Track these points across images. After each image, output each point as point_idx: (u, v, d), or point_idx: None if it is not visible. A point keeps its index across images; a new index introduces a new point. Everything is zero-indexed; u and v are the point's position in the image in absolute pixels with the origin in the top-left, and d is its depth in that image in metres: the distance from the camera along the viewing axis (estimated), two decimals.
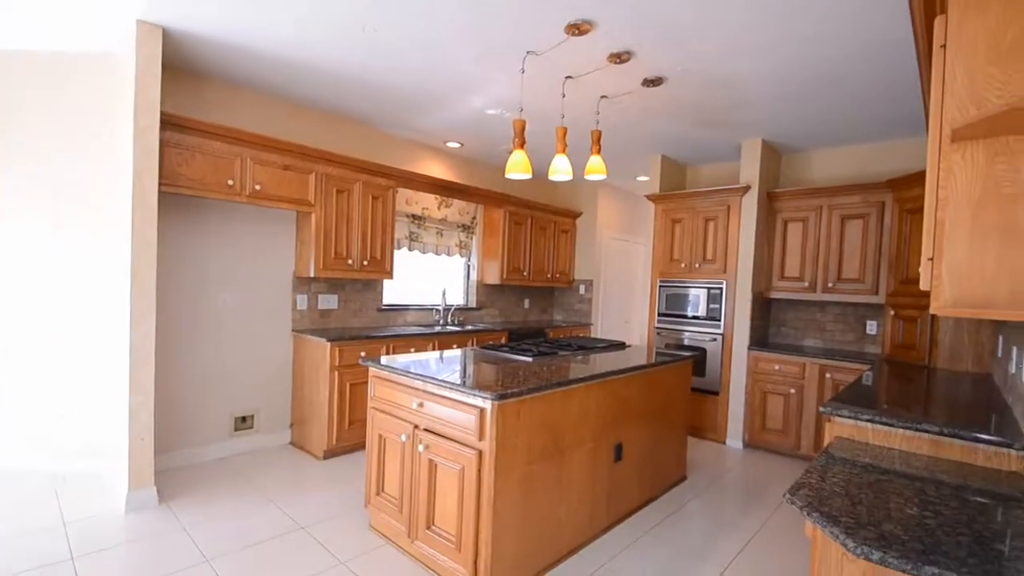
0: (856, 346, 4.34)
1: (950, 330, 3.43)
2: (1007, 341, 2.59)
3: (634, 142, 4.60)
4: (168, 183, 3.10)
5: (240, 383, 3.86)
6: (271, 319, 4.01)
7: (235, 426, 3.84)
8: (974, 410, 2.13)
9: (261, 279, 3.95)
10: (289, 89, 3.71)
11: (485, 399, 2.06)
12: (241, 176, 3.45)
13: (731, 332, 4.44)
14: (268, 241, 3.98)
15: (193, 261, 3.59)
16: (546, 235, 5.89)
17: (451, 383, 2.21)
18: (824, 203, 4.24)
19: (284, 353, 4.10)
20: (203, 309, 3.65)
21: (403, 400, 2.49)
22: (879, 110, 3.55)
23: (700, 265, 4.62)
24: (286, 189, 3.70)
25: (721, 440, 4.48)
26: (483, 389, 2.08)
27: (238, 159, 3.42)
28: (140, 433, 2.83)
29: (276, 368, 4.06)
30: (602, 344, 3.65)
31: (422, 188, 4.69)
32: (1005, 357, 2.55)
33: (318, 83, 3.55)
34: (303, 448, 3.96)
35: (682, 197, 4.73)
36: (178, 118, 3.10)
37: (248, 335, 3.89)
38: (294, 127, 4.06)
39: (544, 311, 6.49)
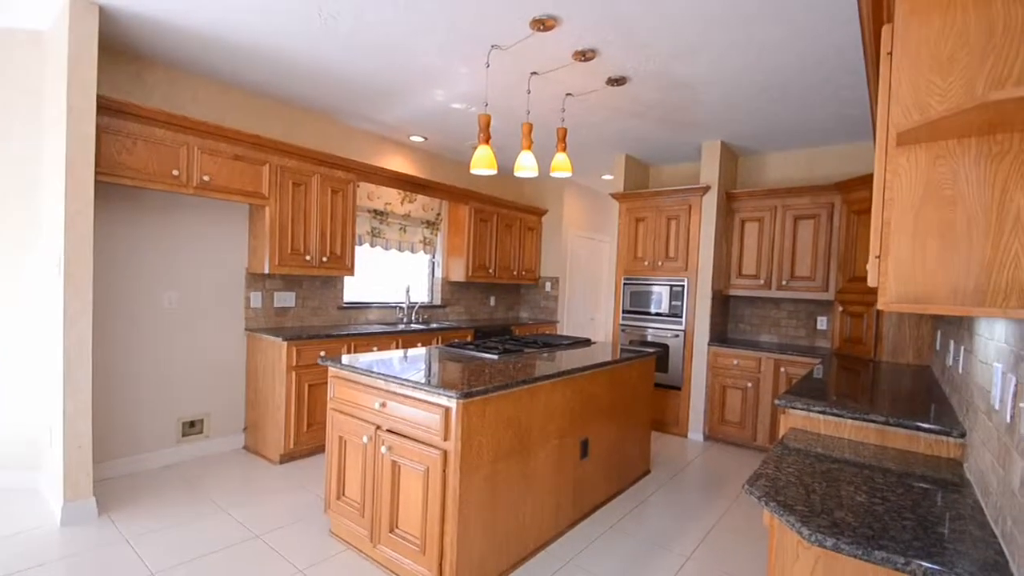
0: (808, 341, 4.55)
1: (893, 325, 3.64)
2: (944, 336, 2.76)
3: (599, 140, 4.66)
4: (106, 172, 2.94)
5: (188, 386, 3.71)
6: (222, 318, 3.86)
7: (183, 431, 3.69)
8: (916, 401, 2.27)
9: (211, 276, 3.80)
10: (241, 76, 3.58)
11: (450, 398, 2.05)
12: (188, 166, 3.30)
13: (692, 328, 4.57)
14: (219, 236, 3.83)
15: (136, 257, 3.42)
16: (512, 232, 5.90)
17: (415, 382, 2.19)
18: (778, 204, 4.42)
19: (237, 353, 3.96)
20: (147, 308, 3.49)
21: (364, 400, 2.44)
22: (825, 115, 3.72)
23: (663, 263, 4.74)
24: (238, 181, 3.56)
25: (683, 434, 4.61)
26: (448, 388, 2.07)
27: (184, 148, 3.28)
28: (77, 441, 2.68)
29: (228, 369, 3.92)
30: (567, 341, 3.69)
31: (385, 183, 4.62)
32: (943, 350, 2.73)
33: (272, 70, 3.44)
34: (258, 453, 3.84)
35: (646, 196, 4.83)
36: (117, 103, 2.94)
37: (197, 335, 3.73)
38: (247, 117, 3.92)
39: (510, 308, 6.51)
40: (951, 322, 2.55)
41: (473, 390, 2.06)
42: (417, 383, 2.17)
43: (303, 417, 3.72)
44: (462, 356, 2.94)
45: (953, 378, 2.21)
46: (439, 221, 5.47)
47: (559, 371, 2.59)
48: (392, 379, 2.28)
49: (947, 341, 2.59)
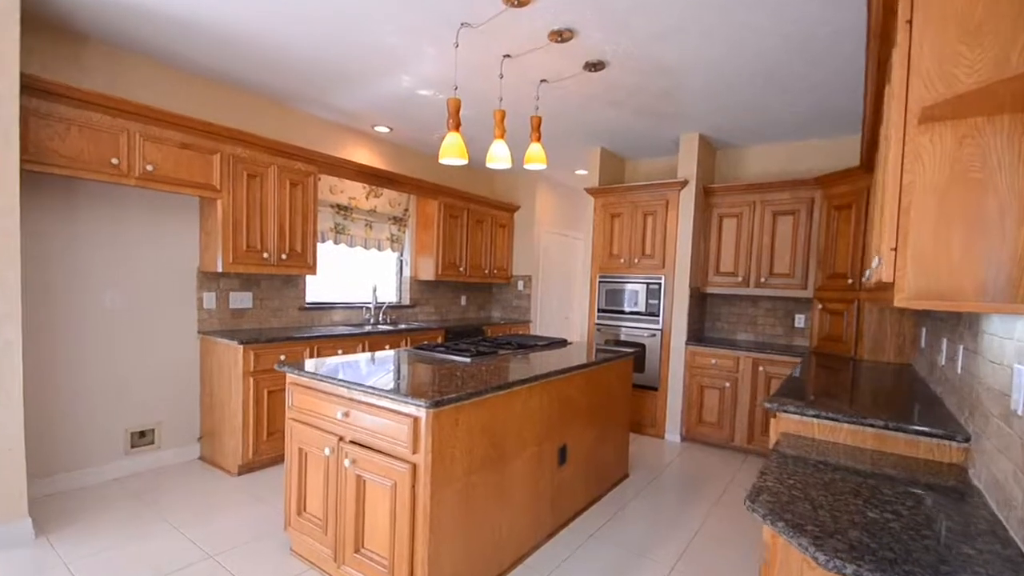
0: (785, 339, 4.54)
1: (874, 323, 3.64)
2: (932, 333, 2.73)
3: (574, 132, 4.55)
4: (33, 160, 2.66)
5: (136, 393, 3.43)
6: (172, 320, 3.59)
7: (132, 442, 3.41)
8: (908, 402, 2.22)
9: (159, 275, 3.53)
10: (189, 57, 3.32)
11: (419, 407, 1.88)
12: (129, 155, 3.03)
13: (669, 327, 4.51)
14: (168, 231, 3.56)
15: (74, 254, 3.13)
16: (483, 229, 5.74)
17: (380, 389, 2.01)
18: (757, 199, 4.39)
19: (189, 358, 3.69)
20: (87, 310, 3.20)
21: (326, 409, 2.26)
22: (808, 105, 3.69)
23: (639, 260, 4.66)
24: (186, 171, 3.31)
25: (660, 435, 4.55)
26: (416, 395, 1.91)
27: (124, 135, 3.01)
28: (8, 457, 2.41)
29: (180, 375, 3.65)
30: (543, 342, 3.57)
31: (348, 175, 4.40)
32: (931, 349, 2.70)
33: (222, 51, 3.20)
34: (215, 464, 3.59)
35: (621, 191, 4.74)
36: (46, 83, 2.66)
37: (144, 338, 3.46)
38: (197, 102, 3.65)
39: (482, 308, 6.35)
40: (942, 319, 2.52)
41: (444, 398, 1.90)
42: (383, 391, 2.00)
43: (262, 425, 3.49)
44: (432, 359, 2.77)
45: (948, 378, 2.16)
46: (407, 217, 5.27)
47: (536, 375, 2.45)
48: (355, 386, 2.10)
49: (937, 339, 2.56)
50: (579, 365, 2.83)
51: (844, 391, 2.43)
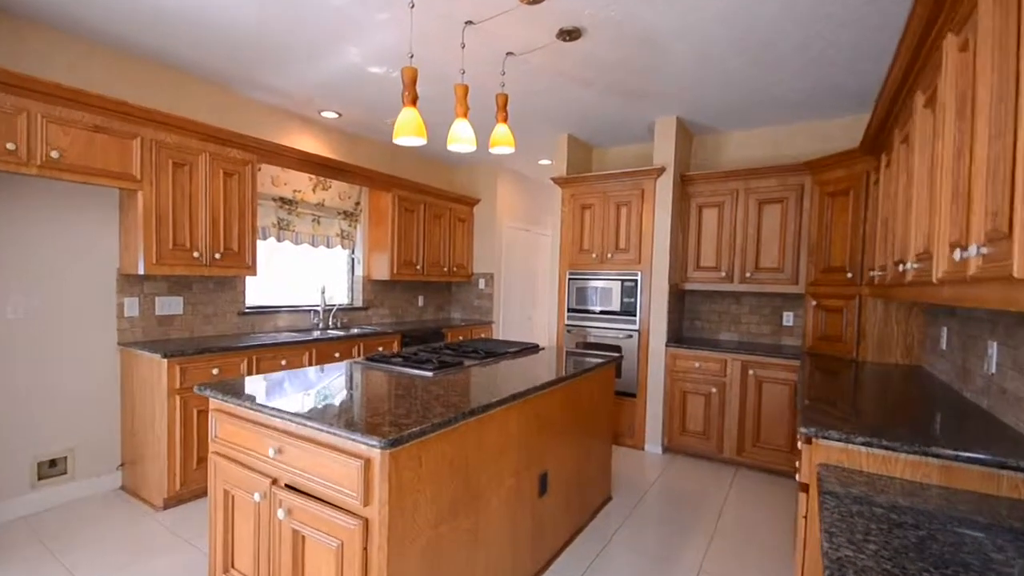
0: (773, 339, 4.39)
1: (879, 321, 3.44)
2: (960, 334, 2.47)
3: (540, 117, 4.27)
4: None
5: (46, 416, 3.04)
6: (88, 330, 3.18)
7: (40, 473, 3.03)
8: (954, 420, 1.93)
9: (71, 279, 3.12)
10: (104, 30, 2.92)
11: (371, 445, 1.57)
12: (29, 139, 2.64)
13: (647, 328, 4.30)
14: (80, 229, 3.16)
15: None
16: (441, 224, 5.41)
17: (321, 422, 1.68)
18: (740, 187, 4.21)
19: (108, 373, 3.28)
20: None
21: (256, 444, 1.91)
22: (804, 81, 3.48)
23: (612, 255, 4.42)
24: (100, 159, 2.90)
25: (639, 446, 4.34)
26: (369, 430, 1.60)
27: (23, 116, 2.62)
28: None
29: (97, 393, 3.24)
30: (513, 348, 3.28)
31: (292, 165, 4.00)
32: (962, 352, 2.44)
33: (140, 21, 2.80)
34: (138, 495, 3.19)
35: (592, 180, 4.50)
36: None
37: (54, 352, 3.06)
38: (115, 81, 3.25)
39: (441, 309, 6.02)
40: (980, 318, 2.26)
41: (404, 433, 1.59)
42: (325, 424, 1.67)
43: (191, 451, 3.11)
44: (388, 374, 2.46)
45: (1007, 390, 1.90)
46: (358, 211, 4.90)
47: (514, 393, 2.17)
48: (290, 417, 1.76)
49: (972, 342, 2.32)
50: (561, 377, 2.56)
51: (873, 405, 2.23)
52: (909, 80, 2.13)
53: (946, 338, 2.74)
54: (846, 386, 2.62)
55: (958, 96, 1.46)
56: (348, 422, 1.67)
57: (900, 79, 2.20)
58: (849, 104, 3.84)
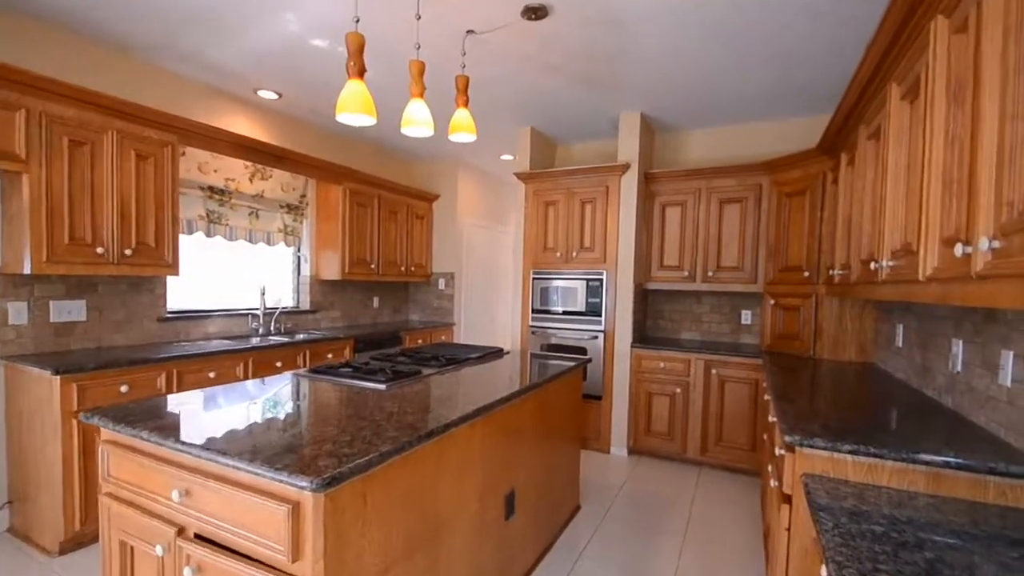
0: (732, 337, 4.23)
1: (834, 319, 3.34)
2: (918, 332, 2.44)
3: (502, 107, 3.92)
4: None
5: None
6: None
7: None
8: (924, 422, 1.83)
9: None
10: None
11: (301, 487, 1.15)
12: None
13: (613, 328, 4.03)
14: None
15: None
16: (398, 220, 4.96)
17: (238, 457, 1.26)
18: (702, 186, 4.02)
19: None
20: None
21: (157, 484, 1.45)
22: (763, 78, 3.32)
23: (577, 254, 4.14)
24: None
25: (605, 449, 4.06)
26: (299, 467, 1.18)
27: None
28: None
29: None
30: (475, 354, 2.90)
31: (224, 150, 3.46)
32: (921, 351, 2.40)
33: None
34: (28, 539, 2.59)
35: (557, 176, 4.19)
36: None
37: None
38: (23, 50, 2.63)
39: (398, 311, 5.56)
40: (940, 316, 2.21)
41: (343, 469, 1.19)
42: (243, 458, 1.24)
43: (93, 485, 2.53)
44: (335, 387, 2.02)
45: (976, 389, 1.81)
46: (304, 205, 4.37)
47: (479, 407, 1.79)
48: (199, 451, 1.32)
49: (933, 339, 2.25)
50: (529, 386, 2.21)
51: (847, 408, 2.01)
52: (883, 70, 1.98)
53: (902, 335, 2.68)
54: (813, 387, 2.47)
55: (953, 81, 1.34)
56: (272, 456, 1.24)
57: (873, 70, 2.04)
58: (810, 105, 3.71)
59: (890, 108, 1.89)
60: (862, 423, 1.77)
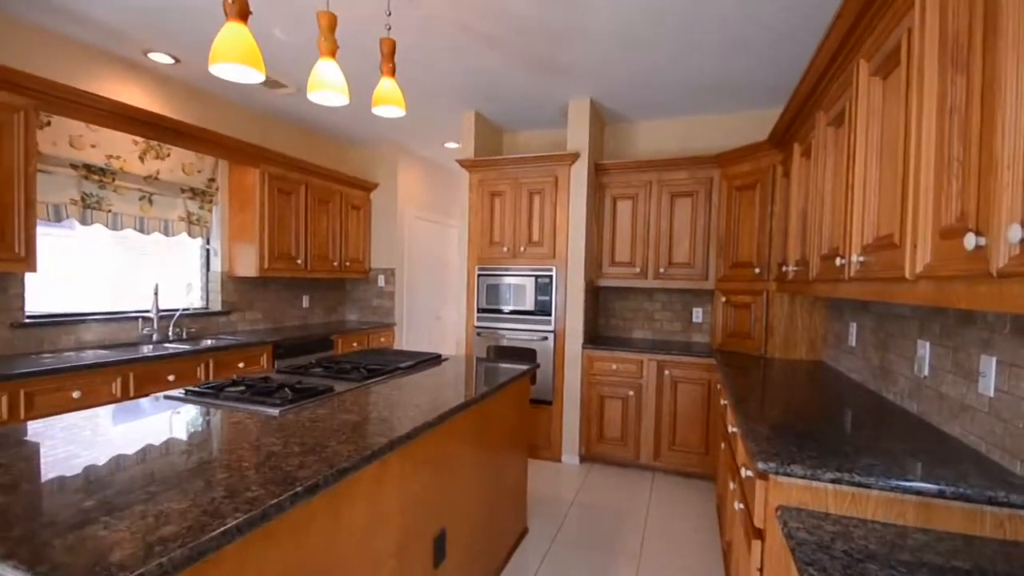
0: (683, 335, 3.95)
1: (785, 317, 3.11)
2: (875, 332, 2.21)
3: (441, 87, 3.44)
4: None
5: None
6: None
7: None
8: (892, 429, 1.58)
9: None
10: None
11: None
12: None
13: (563, 328, 3.65)
14: None
15: None
16: (329, 210, 4.37)
17: None
18: (653, 179, 3.70)
19: None
20: None
21: None
22: (715, 66, 3.03)
23: (525, 248, 3.72)
24: None
25: (556, 457, 3.68)
26: (92, 567, 0.68)
27: None
28: None
29: None
30: (407, 361, 2.42)
31: (104, 121, 2.78)
32: (880, 351, 2.17)
33: None
34: None
35: (503, 165, 3.76)
36: None
37: None
38: None
39: (332, 311, 4.96)
40: (896, 315, 2.02)
41: (143, 571, 0.70)
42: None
43: None
44: (206, 416, 1.50)
45: (948, 397, 1.64)
46: (214, 190, 3.72)
47: (393, 439, 1.33)
48: None
49: (894, 340, 2.04)
50: (466, 402, 1.77)
51: (815, 420, 1.69)
52: (849, 45, 1.72)
53: (855, 334, 2.47)
54: (773, 393, 2.17)
55: (951, 41, 1.09)
56: (33, 552, 0.74)
57: (837, 46, 1.78)
58: (762, 98, 3.46)
59: (857, 87, 1.64)
60: (835, 439, 1.49)
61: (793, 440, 1.47)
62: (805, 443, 1.44)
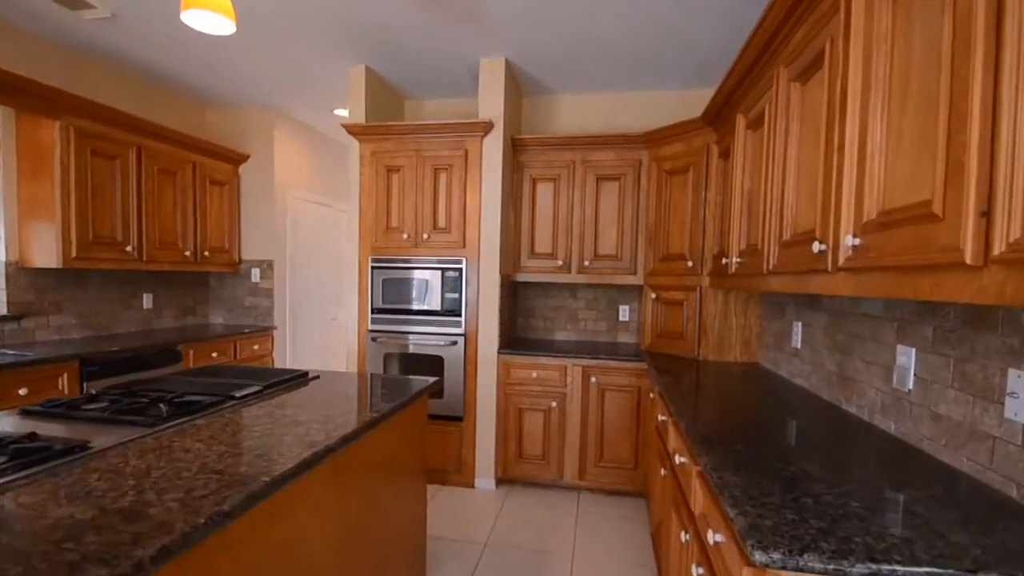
0: (609, 336, 3.52)
1: (719, 315, 2.77)
2: (825, 332, 1.83)
3: (322, 31, 2.69)
4: None
5: None
6: None
7: None
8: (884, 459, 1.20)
9: None
10: None
11: None
12: None
13: (476, 330, 3.05)
14: None
15: None
16: (179, 185, 3.40)
17: None
18: (577, 159, 3.21)
19: None
20: None
21: None
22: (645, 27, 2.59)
23: (430, 236, 3.07)
24: None
25: (469, 483, 3.07)
26: None
27: None
28: None
29: None
30: (253, 386, 1.68)
31: None
32: (833, 354, 1.88)
33: None
34: None
35: (401, 133, 3.07)
36: None
37: None
38: None
39: (189, 313, 3.95)
40: (861, 313, 1.71)
41: None
42: None
43: None
44: None
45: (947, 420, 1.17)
46: None
47: (191, 528, 0.65)
48: None
49: (859, 345, 1.73)
50: (309, 459, 1.11)
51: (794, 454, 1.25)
52: None
53: (800, 335, 2.17)
54: (725, 412, 1.72)
55: None
56: None
57: None
58: (698, 73, 3.10)
59: (849, 13, 1.22)
60: (830, 488, 1.05)
61: (787, 502, 1.01)
62: (801, 505, 0.99)
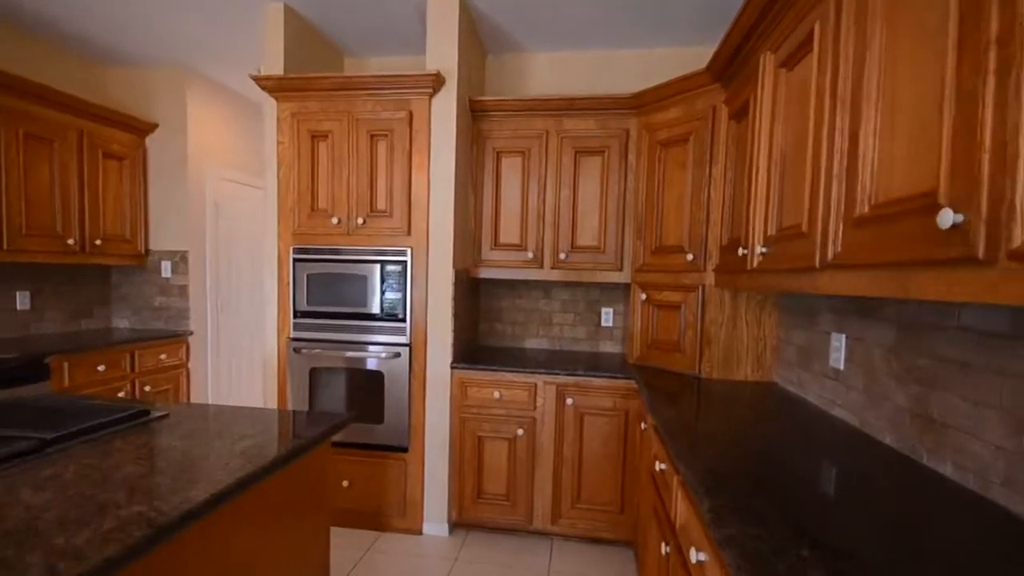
0: (590, 345, 2.93)
1: (727, 322, 2.19)
2: (894, 354, 1.20)
3: None
4: None
5: None
6: None
7: None
8: None
9: None
10: None
11: None
12: None
13: (424, 339, 2.43)
14: None
15: None
16: (57, 157, 2.69)
17: None
18: (551, 128, 2.59)
19: None
20: None
21: None
22: None
23: (366, 221, 2.43)
24: None
25: (416, 528, 2.46)
26: None
27: None
28: None
29: None
30: (50, 433, 1.03)
31: None
32: (904, 384, 1.17)
33: None
34: None
35: (327, 88, 2.40)
36: None
37: None
38: None
39: (82, 315, 3.24)
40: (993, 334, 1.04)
41: None
42: None
43: None
44: None
45: None
46: None
47: None
48: None
49: (960, 373, 1.12)
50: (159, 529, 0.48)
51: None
52: None
53: (843, 353, 1.61)
54: (751, 460, 1.17)
55: None
56: None
57: None
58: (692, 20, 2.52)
59: None
60: None
61: None
62: None
